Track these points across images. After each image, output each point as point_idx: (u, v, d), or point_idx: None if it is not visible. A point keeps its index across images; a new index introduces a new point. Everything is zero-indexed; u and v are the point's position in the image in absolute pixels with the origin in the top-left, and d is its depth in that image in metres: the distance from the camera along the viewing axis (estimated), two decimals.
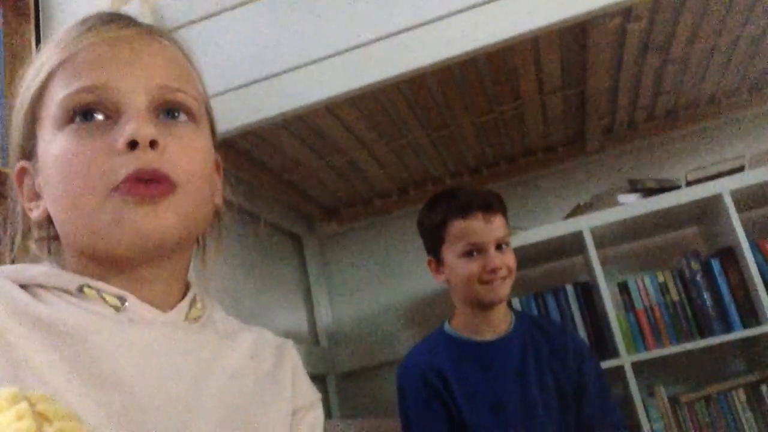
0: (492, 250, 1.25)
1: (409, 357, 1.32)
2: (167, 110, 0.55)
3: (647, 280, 1.82)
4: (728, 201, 1.68)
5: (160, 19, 1.53)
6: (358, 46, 1.40)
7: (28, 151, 0.57)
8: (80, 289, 0.53)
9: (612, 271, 1.91)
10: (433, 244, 1.33)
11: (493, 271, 1.24)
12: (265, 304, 1.91)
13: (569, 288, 1.88)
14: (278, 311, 2.01)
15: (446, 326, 1.35)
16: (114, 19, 0.57)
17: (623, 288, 1.83)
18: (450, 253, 1.29)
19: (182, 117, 0.56)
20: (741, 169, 1.76)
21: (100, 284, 0.54)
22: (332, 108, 1.54)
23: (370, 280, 2.27)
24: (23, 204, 0.58)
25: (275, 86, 1.43)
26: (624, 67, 1.66)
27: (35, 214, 0.57)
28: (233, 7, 1.50)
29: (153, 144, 0.52)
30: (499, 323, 1.30)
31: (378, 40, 1.38)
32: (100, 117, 0.53)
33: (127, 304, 0.54)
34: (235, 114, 1.45)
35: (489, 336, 1.29)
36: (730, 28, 1.58)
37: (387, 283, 2.24)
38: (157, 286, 0.57)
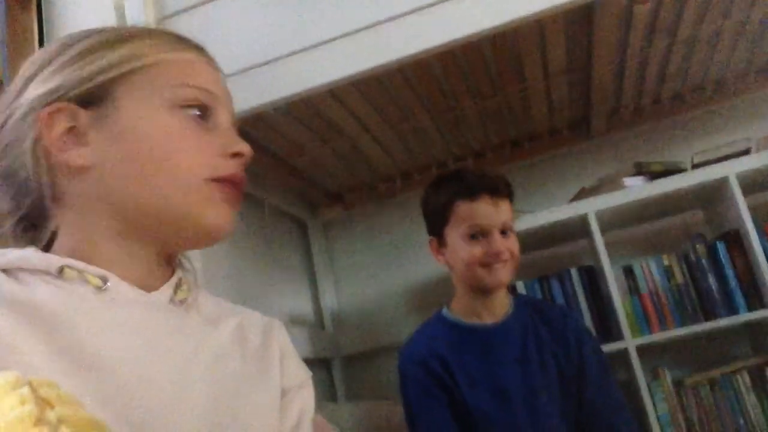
0: (496, 233, 1.24)
1: (410, 343, 1.32)
2: None
3: (652, 264, 1.81)
4: (734, 184, 1.67)
5: (162, 6, 1.52)
6: (360, 30, 1.39)
7: (86, 99, 0.57)
8: (60, 270, 0.54)
9: (617, 255, 1.91)
10: (437, 224, 1.31)
11: (496, 255, 1.23)
12: (271, 289, 1.92)
13: (574, 272, 1.88)
14: (284, 296, 2.02)
15: (445, 311, 1.34)
16: (200, 45, 0.67)
17: (628, 272, 1.83)
18: (453, 235, 1.27)
19: None
20: (747, 152, 1.75)
21: (80, 264, 0.54)
22: (336, 92, 1.53)
23: (374, 265, 2.28)
24: (49, 142, 0.56)
25: (278, 70, 1.43)
26: (630, 49, 1.64)
27: (77, 160, 0.56)
28: None
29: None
30: (499, 308, 1.30)
31: (381, 23, 1.37)
32: (203, 118, 0.61)
33: (108, 284, 0.54)
34: (238, 99, 1.44)
35: (489, 320, 1.29)
36: (737, 11, 1.56)
37: (391, 268, 2.24)
38: (142, 266, 0.58)
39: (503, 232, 1.26)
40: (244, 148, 0.62)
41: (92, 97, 0.57)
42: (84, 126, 0.56)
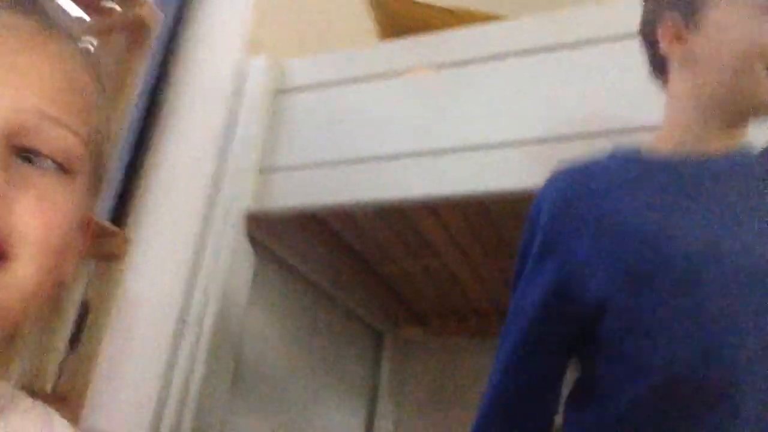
0: None
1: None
2: (28, 151, 0.40)
3: None
4: None
5: (286, 76, 1.48)
6: (477, 148, 1.24)
7: None
8: None
9: None
10: None
11: None
12: (318, 398, 1.72)
13: None
14: (332, 409, 1.81)
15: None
16: (19, 2, 0.42)
17: None
18: (729, 9, 0.76)
19: (48, 164, 0.41)
20: None
21: None
22: (436, 209, 1.38)
23: (446, 402, 2.02)
24: None
25: (378, 169, 1.32)
26: None
27: None
28: (361, 80, 1.43)
29: None
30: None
31: (499, 146, 1.22)
32: None
33: None
34: (330, 190, 1.34)
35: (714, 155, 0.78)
36: None
37: (460, 413, 1.96)
38: None
39: None
40: None
41: None
42: None
